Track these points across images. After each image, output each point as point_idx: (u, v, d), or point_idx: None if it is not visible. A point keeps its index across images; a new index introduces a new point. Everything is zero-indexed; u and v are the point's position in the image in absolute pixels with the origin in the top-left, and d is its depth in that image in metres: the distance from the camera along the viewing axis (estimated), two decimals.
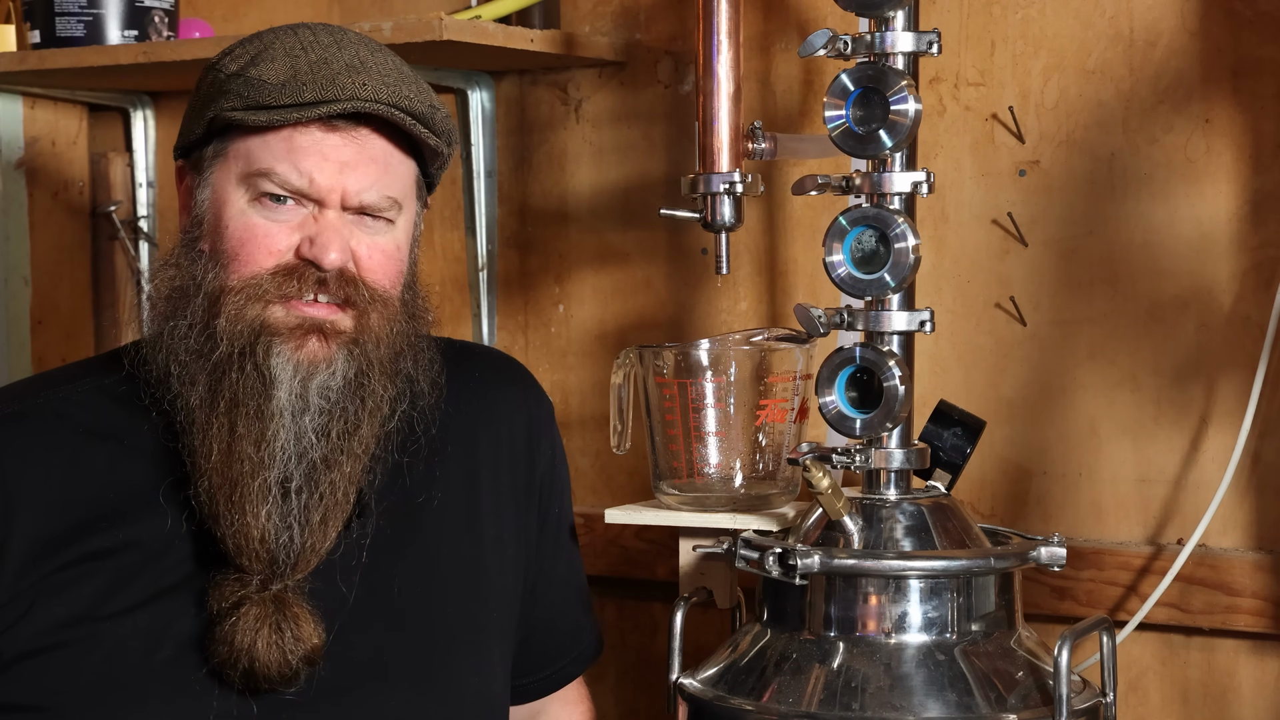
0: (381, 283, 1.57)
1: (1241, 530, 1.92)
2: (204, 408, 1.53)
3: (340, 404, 1.54)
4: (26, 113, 2.58)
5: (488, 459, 1.72)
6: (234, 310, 1.52)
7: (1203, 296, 1.92)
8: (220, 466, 1.52)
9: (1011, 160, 2.01)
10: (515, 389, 1.79)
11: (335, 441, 1.54)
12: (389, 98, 1.53)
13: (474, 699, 1.66)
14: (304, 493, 1.53)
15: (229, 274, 1.53)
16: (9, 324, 2.55)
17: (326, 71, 1.52)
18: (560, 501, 1.81)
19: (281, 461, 1.52)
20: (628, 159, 2.25)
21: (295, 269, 1.53)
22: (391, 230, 1.58)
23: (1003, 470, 2.03)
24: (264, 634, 1.50)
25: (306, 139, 1.53)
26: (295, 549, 1.53)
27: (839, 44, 1.61)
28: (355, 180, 1.54)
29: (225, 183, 1.55)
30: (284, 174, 1.53)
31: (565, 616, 1.81)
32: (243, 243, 1.54)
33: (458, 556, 1.67)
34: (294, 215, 1.54)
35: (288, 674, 1.52)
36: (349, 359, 1.55)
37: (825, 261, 1.61)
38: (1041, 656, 1.59)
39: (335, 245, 1.53)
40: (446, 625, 1.64)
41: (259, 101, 1.52)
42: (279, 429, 1.52)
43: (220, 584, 1.53)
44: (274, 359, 1.52)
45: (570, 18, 2.26)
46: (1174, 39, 1.93)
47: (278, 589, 1.52)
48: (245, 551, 1.52)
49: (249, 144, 1.54)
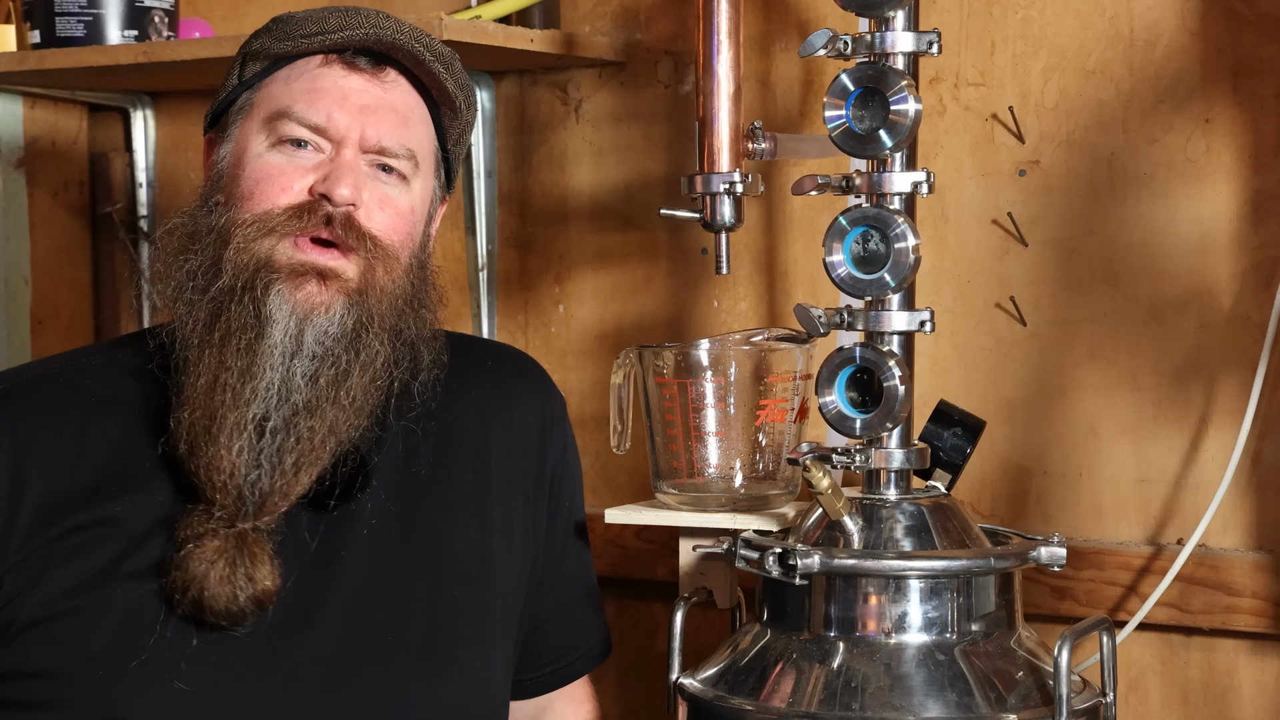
0: (390, 236, 1.58)
1: (1241, 530, 1.92)
2: (198, 337, 1.54)
3: (334, 351, 1.54)
4: (26, 113, 2.58)
5: (498, 447, 1.72)
6: (241, 241, 1.54)
7: (1203, 296, 1.93)
8: (203, 397, 1.52)
9: (1011, 160, 2.01)
10: (528, 382, 1.79)
11: (322, 389, 1.54)
12: (411, 35, 1.59)
13: (476, 682, 1.66)
14: (280, 434, 1.52)
15: (241, 211, 1.56)
16: (9, 324, 2.55)
17: (356, 14, 1.59)
18: (571, 497, 1.81)
19: (264, 399, 1.52)
20: (628, 159, 2.25)
21: (306, 205, 1.55)
22: (406, 190, 1.60)
23: (1003, 470, 2.03)
24: (218, 567, 1.50)
25: (328, 79, 1.58)
26: (264, 488, 1.52)
27: (839, 44, 1.61)
28: (374, 122, 1.58)
29: (247, 134, 1.59)
30: (302, 112, 1.56)
31: (573, 612, 1.81)
32: (258, 181, 1.56)
33: (464, 540, 1.67)
34: (311, 158, 1.57)
35: (234, 610, 1.51)
36: (348, 307, 1.55)
37: (825, 261, 1.61)
38: (1041, 656, 1.59)
39: (347, 181, 1.55)
40: (451, 607, 1.64)
41: (287, 34, 1.59)
42: (267, 368, 1.52)
43: (190, 514, 1.52)
44: (272, 297, 1.53)
45: (570, 18, 2.26)
46: (1174, 39, 1.93)
47: (243, 528, 1.51)
48: (214, 485, 1.51)
49: (272, 89, 1.59)
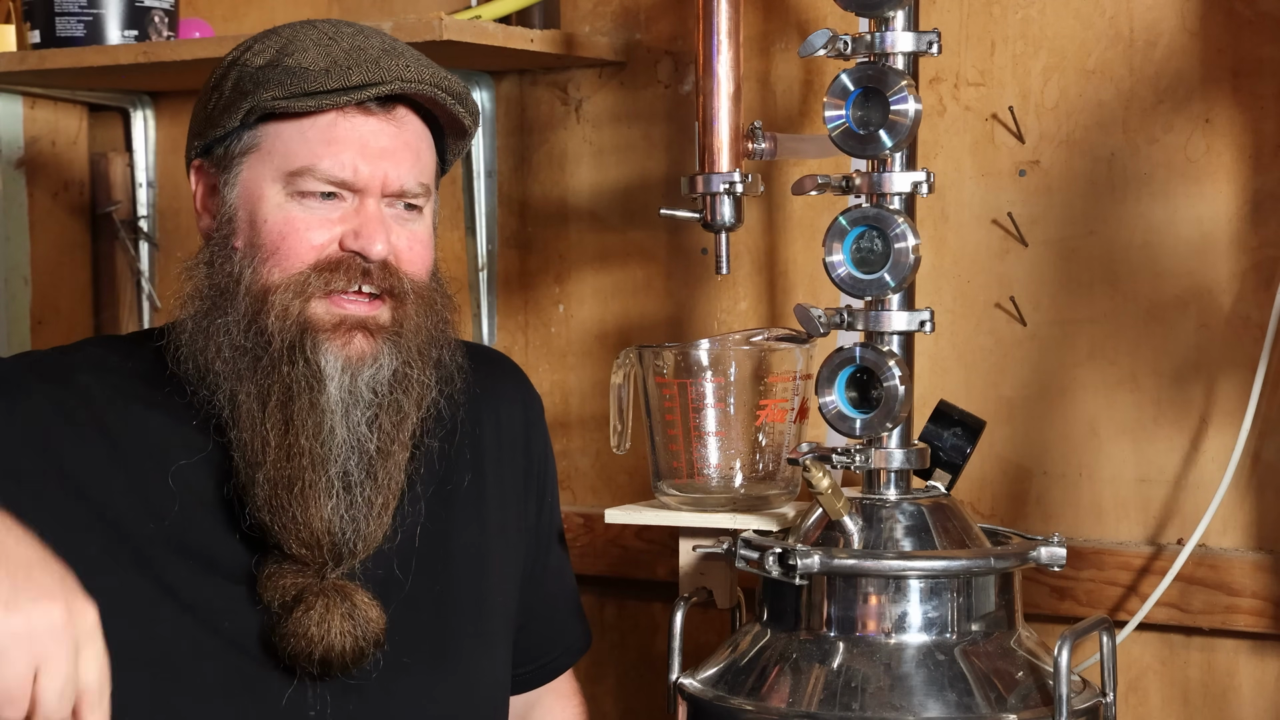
0: (420, 273, 1.59)
1: (1241, 530, 1.92)
2: (253, 403, 1.54)
3: (390, 395, 1.56)
4: (26, 113, 2.58)
5: (490, 446, 1.74)
6: (282, 306, 1.53)
7: (1203, 296, 1.92)
8: (278, 461, 1.53)
9: (1011, 160, 2.01)
10: (510, 382, 1.81)
11: (387, 432, 1.56)
12: (430, 79, 1.56)
13: (483, 681, 1.68)
14: (365, 485, 1.55)
15: (270, 269, 1.54)
16: (9, 324, 2.55)
17: (365, 56, 1.54)
18: (552, 494, 1.83)
19: (340, 457, 1.54)
20: (628, 159, 2.25)
21: (340, 262, 1.54)
22: (421, 218, 1.61)
23: (1003, 470, 2.03)
24: (335, 623, 1.52)
25: (345, 126, 1.54)
26: (358, 539, 1.55)
27: (839, 44, 1.61)
28: (394, 166, 1.56)
29: (259, 178, 1.55)
30: (327, 169, 1.54)
31: (559, 606, 1.83)
32: (284, 236, 1.54)
33: (466, 540, 1.68)
34: (335, 209, 1.55)
35: (361, 659, 1.54)
36: (394, 351, 1.56)
37: (825, 261, 1.61)
38: (1041, 656, 1.59)
39: (380, 236, 1.54)
40: (457, 607, 1.66)
41: (304, 88, 1.52)
42: (334, 425, 1.53)
43: (277, 575, 1.54)
44: (323, 355, 1.53)
45: (570, 18, 2.26)
46: (1174, 39, 1.93)
47: (335, 577, 1.54)
48: (308, 543, 1.53)
49: (284, 135, 1.55)
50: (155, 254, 2.61)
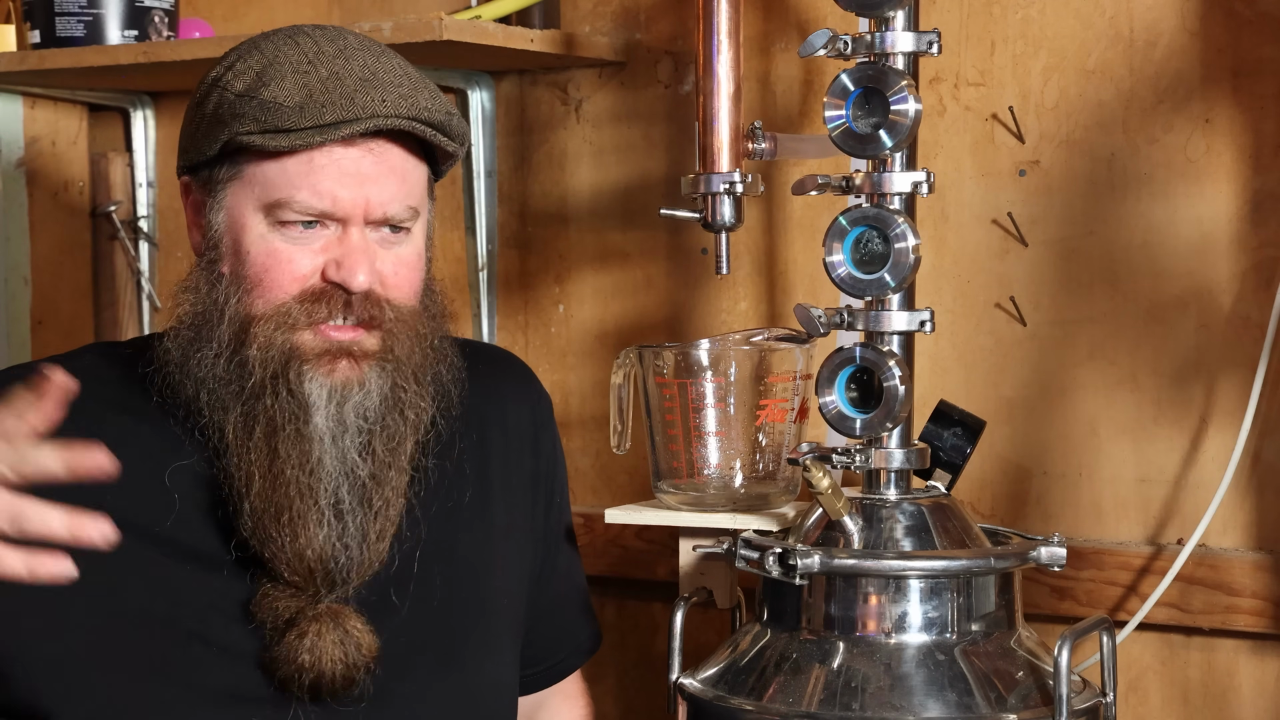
0: (406, 298, 1.56)
1: (1241, 530, 1.92)
2: (239, 433, 1.53)
3: (381, 419, 1.54)
4: (26, 113, 2.58)
5: (497, 449, 1.73)
6: (264, 338, 1.51)
7: (1203, 296, 1.92)
8: (265, 491, 1.52)
9: (1011, 160, 2.01)
10: (519, 383, 1.80)
11: (381, 457, 1.55)
12: (408, 111, 1.51)
13: (491, 686, 1.68)
14: (358, 512, 1.54)
15: (254, 300, 1.52)
16: (9, 324, 2.55)
17: (342, 89, 1.50)
18: (561, 494, 1.82)
19: (329, 486, 1.52)
20: (628, 159, 2.25)
21: (322, 292, 1.52)
22: (411, 239, 1.57)
23: (1003, 470, 2.03)
24: (328, 650, 1.51)
25: (324, 158, 1.51)
26: (352, 565, 1.54)
27: (839, 44, 1.61)
28: (377, 193, 1.52)
29: (241, 206, 1.54)
30: (305, 201, 1.51)
31: (566, 608, 1.82)
32: (266, 269, 1.52)
33: (472, 545, 1.68)
34: (317, 239, 1.53)
35: (351, 686, 1.53)
36: (381, 374, 1.54)
37: (825, 261, 1.61)
38: (1041, 656, 1.59)
39: (363, 267, 1.52)
40: (464, 613, 1.65)
41: (277, 125, 1.49)
42: (322, 454, 1.52)
43: (272, 597, 1.53)
44: (307, 383, 1.51)
45: (570, 18, 2.26)
46: (1174, 39, 1.93)
47: (330, 602, 1.53)
48: (299, 571, 1.52)
49: (265, 168, 1.52)
50: (155, 254, 2.61)
